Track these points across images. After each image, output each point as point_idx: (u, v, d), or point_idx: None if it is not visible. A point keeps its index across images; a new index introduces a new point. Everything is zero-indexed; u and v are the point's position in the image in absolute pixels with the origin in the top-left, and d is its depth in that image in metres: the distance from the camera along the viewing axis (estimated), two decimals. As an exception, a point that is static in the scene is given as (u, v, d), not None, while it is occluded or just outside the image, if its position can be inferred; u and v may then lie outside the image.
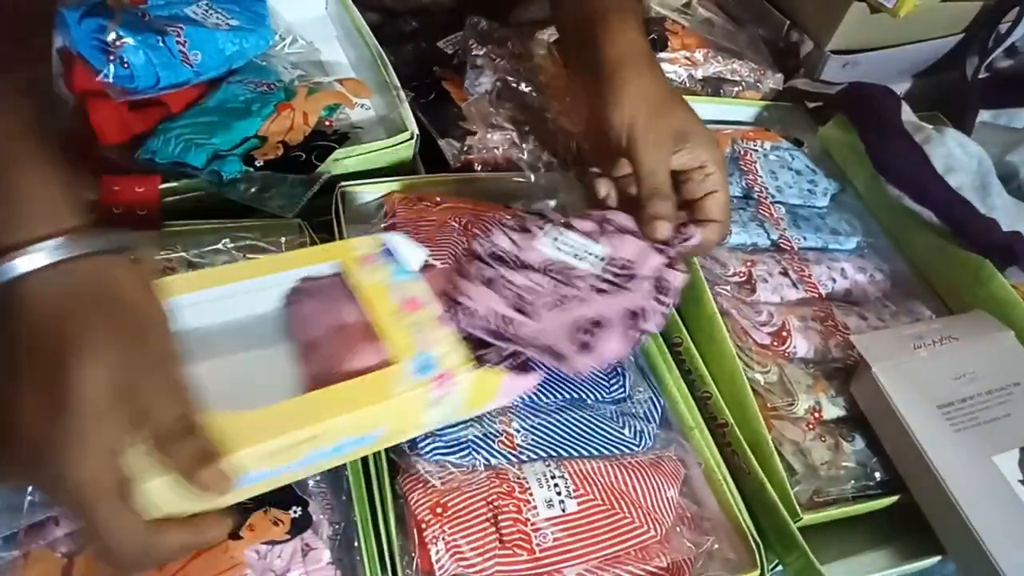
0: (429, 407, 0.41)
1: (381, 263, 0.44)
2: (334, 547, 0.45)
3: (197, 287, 0.41)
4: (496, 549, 0.45)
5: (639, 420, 0.54)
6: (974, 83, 0.80)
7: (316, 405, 0.37)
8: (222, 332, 0.43)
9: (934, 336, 0.58)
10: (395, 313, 0.42)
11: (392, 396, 0.38)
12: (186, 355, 0.36)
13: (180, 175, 0.57)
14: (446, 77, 0.76)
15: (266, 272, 0.44)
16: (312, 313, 0.44)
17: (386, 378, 0.39)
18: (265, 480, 0.38)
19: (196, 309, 0.41)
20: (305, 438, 0.37)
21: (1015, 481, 0.52)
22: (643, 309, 0.49)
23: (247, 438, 0.35)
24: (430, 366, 0.40)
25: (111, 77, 0.58)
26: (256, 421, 0.36)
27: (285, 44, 0.70)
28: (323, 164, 0.60)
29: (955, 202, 0.65)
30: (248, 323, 0.44)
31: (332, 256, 0.45)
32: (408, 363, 0.40)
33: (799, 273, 0.64)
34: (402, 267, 0.44)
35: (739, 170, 0.70)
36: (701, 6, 0.85)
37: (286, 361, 0.43)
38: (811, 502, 0.53)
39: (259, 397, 0.37)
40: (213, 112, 0.61)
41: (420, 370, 0.40)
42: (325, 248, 0.46)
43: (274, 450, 0.36)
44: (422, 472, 0.47)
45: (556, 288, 0.48)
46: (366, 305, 0.42)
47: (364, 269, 0.44)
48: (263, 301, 0.44)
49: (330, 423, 0.37)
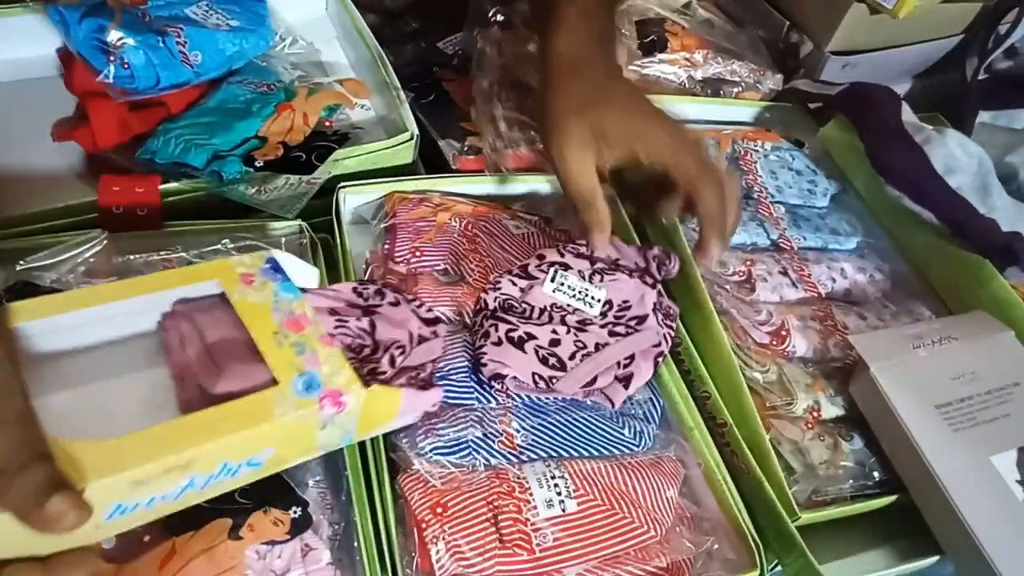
0: (319, 428, 0.39)
1: (263, 280, 0.42)
2: (334, 547, 0.45)
3: (55, 311, 0.38)
4: (496, 549, 0.45)
5: (639, 420, 0.54)
6: (974, 84, 0.80)
7: (190, 429, 0.35)
8: (86, 358, 0.40)
9: (933, 336, 0.58)
10: (277, 333, 0.40)
11: (274, 418, 0.36)
12: (39, 383, 0.33)
13: (180, 175, 0.57)
14: (446, 78, 0.76)
15: (139, 293, 0.41)
16: (189, 335, 0.41)
17: (268, 399, 0.37)
18: (137, 512, 0.35)
19: (56, 335, 0.38)
20: (177, 464, 0.34)
21: (1013, 481, 0.52)
22: (662, 340, 0.56)
23: (109, 465, 0.32)
24: (316, 385, 0.38)
25: (111, 77, 0.58)
26: (120, 448, 0.33)
27: (285, 45, 0.70)
28: (323, 165, 0.60)
29: (955, 203, 0.65)
30: (117, 348, 0.41)
31: (211, 275, 0.42)
32: (292, 383, 0.38)
33: (799, 273, 0.64)
34: (286, 284, 0.42)
35: (739, 170, 0.70)
36: (701, 7, 0.85)
37: (159, 387, 0.40)
38: (809, 501, 0.53)
39: (127, 425, 0.34)
40: (213, 112, 0.61)
41: (305, 390, 0.38)
42: (205, 267, 0.43)
43: (141, 478, 0.33)
44: (422, 472, 0.47)
45: (576, 336, 0.54)
46: (247, 325, 0.40)
47: (246, 288, 0.42)
48: (134, 324, 0.41)
49: (204, 448, 0.34)
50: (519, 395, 0.52)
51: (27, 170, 0.59)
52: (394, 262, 0.58)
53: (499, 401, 0.51)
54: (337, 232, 0.58)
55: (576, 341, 0.54)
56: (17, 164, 0.59)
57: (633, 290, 0.57)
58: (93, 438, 0.33)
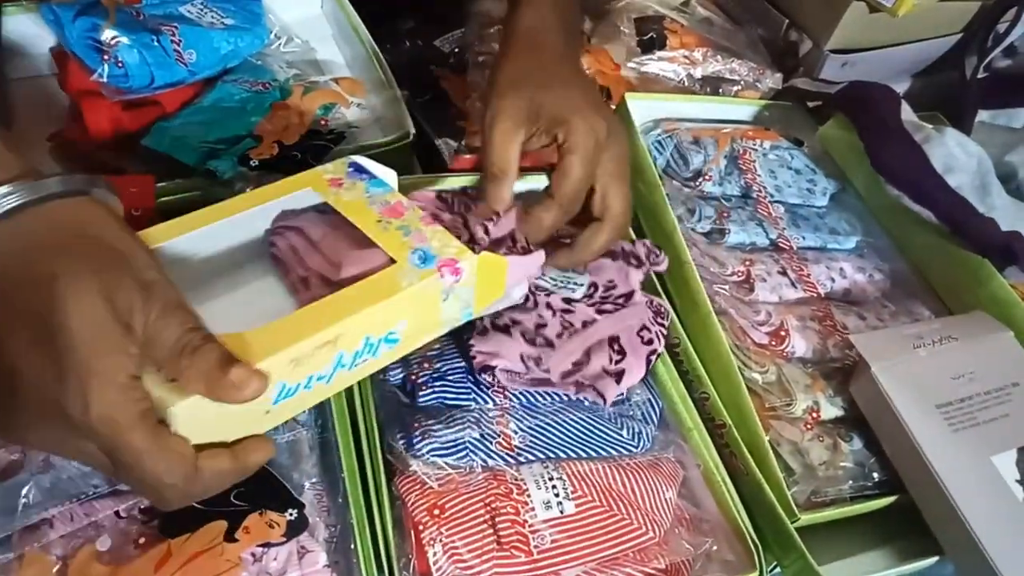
0: (442, 299, 0.41)
1: (352, 181, 0.45)
2: (330, 549, 0.45)
3: (176, 233, 0.41)
4: (494, 551, 0.45)
5: (637, 421, 0.54)
6: (973, 83, 0.80)
7: (332, 308, 0.37)
8: (210, 271, 0.43)
9: (933, 336, 0.58)
10: (381, 221, 0.43)
11: (402, 288, 0.39)
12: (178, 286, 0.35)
13: (175, 175, 0.57)
14: (443, 76, 0.76)
15: (241, 209, 0.43)
16: (298, 244, 0.44)
17: (392, 274, 0.40)
18: (298, 395, 0.37)
19: (178, 251, 0.41)
20: (326, 340, 0.36)
21: (1013, 481, 0.52)
22: (648, 322, 0.55)
23: (265, 347, 0.35)
24: (431, 257, 0.41)
25: (105, 76, 0.57)
26: (274, 330, 0.36)
27: (280, 43, 0.70)
28: (319, 163, 0.60)
29: (954, 202, 0.65)
30: (235, 259, 0.44)
31: (303, 184, 0.45)
32: (408, 258, 0.40)
33: (798, 272, 0.64)
34: (375, 181, 0.45)
35: (738, 169, 0.69)
36: (700, 5, 0.85)
37: (283, 290, 0.43)
38: (809, 502, 0.53)
39: (264, 320, 0.36)
40: (208, 111, 0.61)
41: (422, 262, 0.40)
42: (296, 178, 0.46)
43: (297, 355, 0.36)
44: (419, 473, 0.46)
45: (562, 318, 0.53)
46: (352, 220, 0.43)
47: (339, 190, 0.45)
48: (246, 235, 0.44)
49: (347, 321, 0.37)
50: (516, 396, 0.52)
51: (21, 169, 0.59)
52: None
53: (496, 402, 0.51)
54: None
55: (563, 322, 0.53)
56: (11, 163, 0.59)
57: (616, 271, 0.57)
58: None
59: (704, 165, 0.68)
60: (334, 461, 0.48)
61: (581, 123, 0.52)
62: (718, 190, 0.68)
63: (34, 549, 0.40)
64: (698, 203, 0.66)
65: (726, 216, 0.65)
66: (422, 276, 0.40)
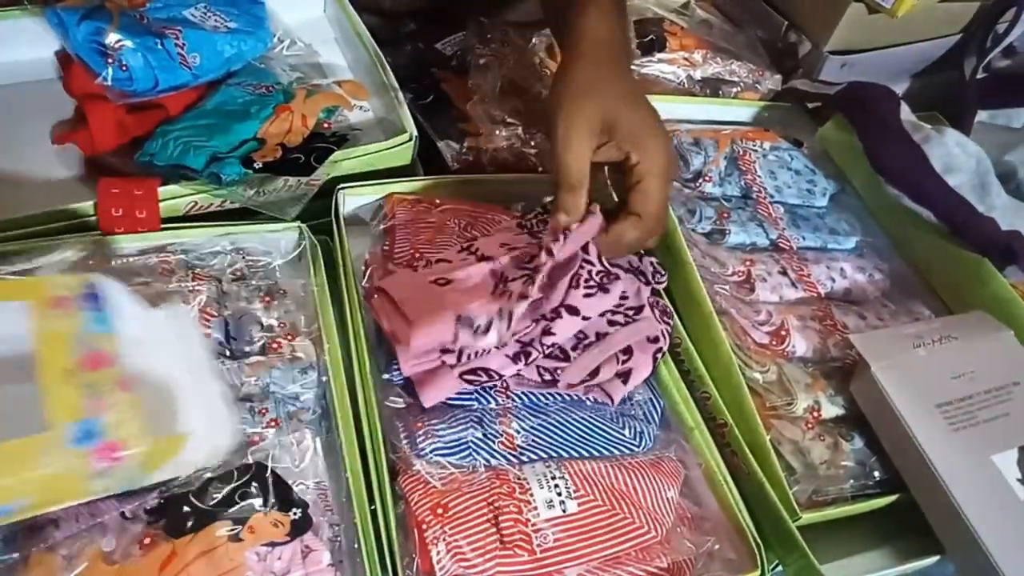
0: (92, 478, 0.36)
1: (76, 309, 0.39)
2: (334, 549, 0.45)
3: None
4: (497, 550, 0.45)
5: (639, 421, 0.54)
6: (972, 83, 0.80)
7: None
8: None
9: (933, 335, 0.58)
10: (70, 370, 0.36)
11: (37, 469, 0.34)
12: None
13: (179, 177, 0.57)
14: (445, 79, 0.76)
15: None
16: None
17: (34, 446, 0.34)
18: None
19: None
20: None
21: (1014, 480, 0.52)
22: (660, 335, 0.56)
23: None
24: (94, 434, 0.35)
25: (110, 80, 0.58)
26: None
27: (283, 46, 0.70)
28: (322, 166, 0.60)
29: (954, 202, 0.65)
30: None
31: (21, 294, 0.39)
32: (66, 430, 0.35)
33: (798, 273, 0.64)
34: (100, 316, 0.39)
35: (738, 170, 0.70)
36: (699, 7, 0.85)
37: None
38: (810, 501, 0.53)
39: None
40: (212, 115, 0.61)
41: (79, 441, 0.35)
42: (17, 283, 0.40)
43: None
44: (422, 473, 0.47)
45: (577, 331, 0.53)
46: (38, 357, 0.37)
47: (53, 313, 0.38)
48: None
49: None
50: (519, 395, 0.52)
51: (26, 173, 0.59)
52: (394, 262, 0.58)
53: (499, 402, 0.51)
54: (336, 233, 0.58)
55: (577, 333, 0.54)
56: (16, 167, 0.59)
57: (629, 283, 0.57)
58: None
59: (704, 166, 0.69)
60: (338, 461, 0.48)
61: (657, 144, 0.53)
62: (718, 191, 0.68)
63: (40, 549, 0.41)
64: (698, 204, 0.66)
65: (726, 217, 0.66)
66: (70, 457, 0.34)
